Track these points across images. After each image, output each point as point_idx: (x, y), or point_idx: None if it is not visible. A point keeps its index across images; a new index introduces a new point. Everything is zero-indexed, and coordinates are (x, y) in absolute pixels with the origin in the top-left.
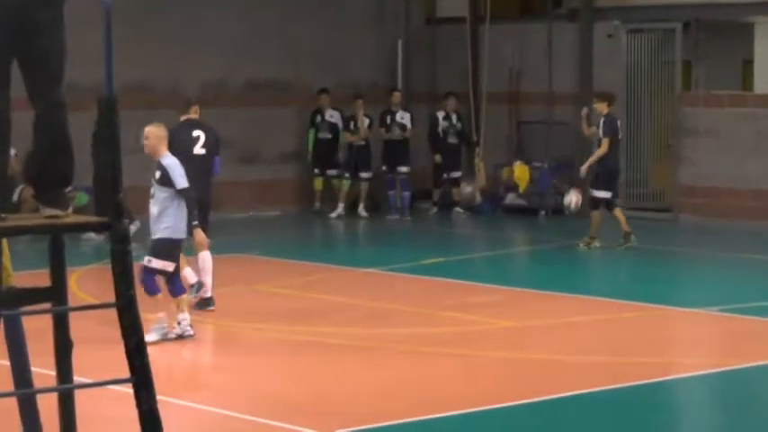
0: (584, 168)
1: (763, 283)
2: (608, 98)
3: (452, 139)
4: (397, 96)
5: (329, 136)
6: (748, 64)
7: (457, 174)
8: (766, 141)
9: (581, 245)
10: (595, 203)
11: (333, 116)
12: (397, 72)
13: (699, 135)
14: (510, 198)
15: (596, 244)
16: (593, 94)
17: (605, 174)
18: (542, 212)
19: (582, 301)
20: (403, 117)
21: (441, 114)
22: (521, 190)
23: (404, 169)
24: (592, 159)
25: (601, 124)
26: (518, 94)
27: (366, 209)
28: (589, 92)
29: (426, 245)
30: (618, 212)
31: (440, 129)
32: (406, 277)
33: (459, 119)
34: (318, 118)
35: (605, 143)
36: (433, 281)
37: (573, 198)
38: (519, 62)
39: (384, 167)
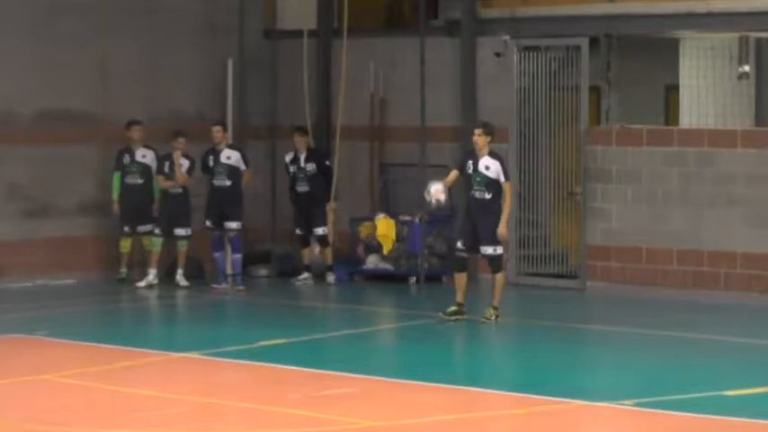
0: (502, 228)
1: (689, 369)
2: (491, 131)
3: (303, 187)
4: (217, 132)
5: (140, 181)
6: (672, 90)
7: (318, 230)
8: (694, 188)
9: (483, 318)
10: (498, 264)
11: (145, 156)
12: (227, 99)
13: (611, 180)
14: (371, 261)
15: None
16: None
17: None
18: (413, 280)
19: (460, 394)
20: (230, 157)
21: (288, 156)
22: (385, 251)
23: (233, 225)
24: (506, 213)
25: (497, 165)
26: (382, 128)
27: (186, 276)
28: (472, 125)
29: (264, 322)
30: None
31: (290, 173)
32: (238, 364)
33: (310, 159)
34: (127, 158)
35: (509, 187)
36: (273, 368)
37: (433, 188)
38: (383, 87)
39: (208, 222)
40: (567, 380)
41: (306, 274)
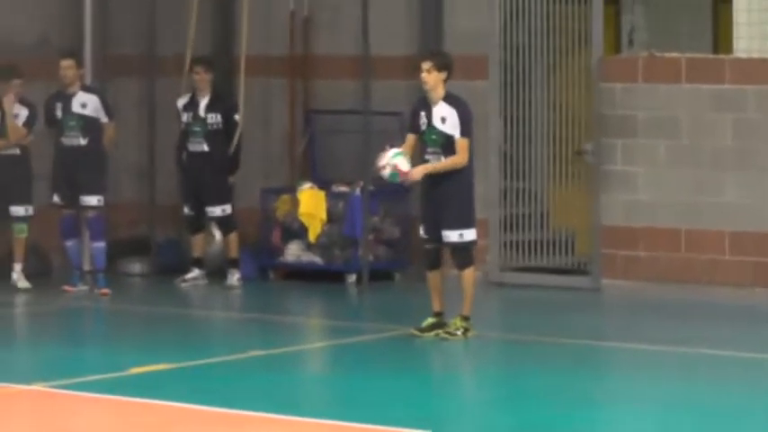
0: (419, 170)
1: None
2: (446, 64)
3: (199, 146)
4: (68, 68)
5: None
6: (722, 3)
7: (216, 209)
8: (757, 144)
9: (444, 333)
10: (466, 256)
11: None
12: (84, 20)
13: (635, 133)
14: (292, 252)
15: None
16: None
17: (469, 199)
18: (351, 278)
19: None
20: (85, 104)
21: (182, 101)
22: (311, 237)
23: (92, 201)
24: (441, 165)
25: (455, 114)
26: (306, 60)
27: (26, 273)
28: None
29: (137, 340)
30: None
31: (182, 125)
32: (101, 399)
33: (214, 107)
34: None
35: (464, 146)
36: (150, 406)
37: (394, 159)
38: (309, 0)
39: (56, 197)
40: (567, 420)
41: (197, 272)
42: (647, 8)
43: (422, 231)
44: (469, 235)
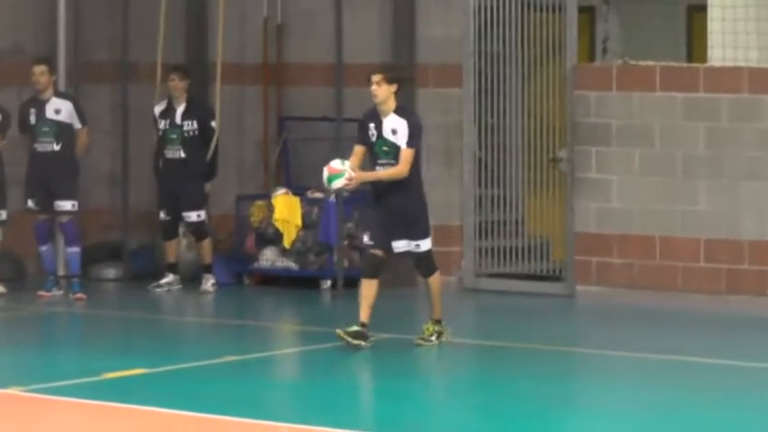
0: (360, 176)
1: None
2: (397, 77)
3: (175, 152)
4: (41, 74)
5: None
6: (697, 12)
7: (192, 214)
8: (729, 151)
9: (419, 339)
10: (429, 263)
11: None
12: (57, 25)
13: (609, 141)
14: (267, 258)
15: (431, 335)
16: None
17: (423, 210)
18: (326, 284)
19: None
20: (59, 110)
21: (158, 108)
22: (286, 243)
23: (66, 206)
24: (383, 173)
25: (401, 125)
26: (280, 68)
27: (0, 279)
28: (409, 60)
29: (112, 345)
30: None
31: (159, 131)
32: (75, 404)
33: (190, 114)
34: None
35: (406, 156)
36: (125, 410)
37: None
38: (282, 7)
39: (31, 203)
40: None
41: (171, 277)
42: (621, 17)
43: (366, 238)
44: (426, 245)
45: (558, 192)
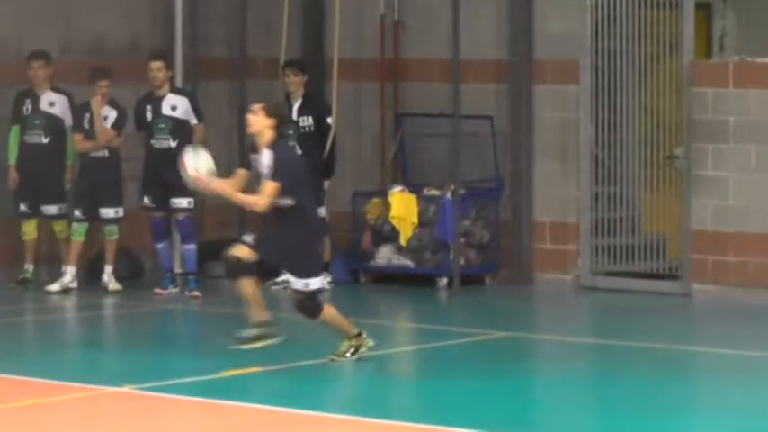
0: (218, 184)
1: None
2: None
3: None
4: (158, 70)
5: (45, 140)
6: None
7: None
8: None
9: (332, 356)
10: (312, 306)
11: (54, 104)
12: (175, 21)
13: (727, 138)
14: (383, 255)
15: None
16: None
17: (315, 249)
18: (443, 281)
19: None
20: (175, 107)
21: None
22: (402, 240)
23: (183, 203)
24: (240, 196)
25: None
26: (397, 64)
27: (117, 276)
28: (526, 58)
29: (224, 343)
30: None
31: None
32: (193, 402)
33: (306, 110)
34: (28, 106)
35: (266, 190)
36: (240, 408)
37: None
38: (399, 4)
39: (147, 200)
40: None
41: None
42: (738, 13)
43: (248, 238)
44: (315, 284)
45: (675, 189)
